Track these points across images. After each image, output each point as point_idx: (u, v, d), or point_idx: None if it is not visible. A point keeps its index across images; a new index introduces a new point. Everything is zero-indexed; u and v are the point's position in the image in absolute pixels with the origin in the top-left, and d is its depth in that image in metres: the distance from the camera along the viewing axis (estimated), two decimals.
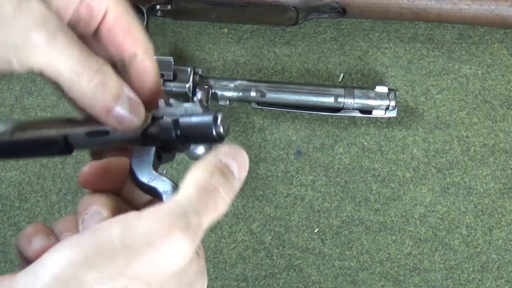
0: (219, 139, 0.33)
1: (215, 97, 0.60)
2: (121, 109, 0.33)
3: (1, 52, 0.30)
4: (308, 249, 0.62)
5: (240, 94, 0.60)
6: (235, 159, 0.33)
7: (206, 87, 0.59)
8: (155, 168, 0.34)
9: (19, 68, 0.31)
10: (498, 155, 0.62)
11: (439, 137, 0.62)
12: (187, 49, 0.65)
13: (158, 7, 0.60)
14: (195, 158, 0.57)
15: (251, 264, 0.62)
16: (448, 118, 0.63)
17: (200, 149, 0.57)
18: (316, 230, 0.62)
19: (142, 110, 0.34)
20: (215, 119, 0.33)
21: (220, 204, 0.33)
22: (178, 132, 0.34)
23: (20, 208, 0.63)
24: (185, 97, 0.59)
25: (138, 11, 0.60)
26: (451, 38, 0.64)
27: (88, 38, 0.36)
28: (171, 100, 0.35)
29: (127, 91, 0.33)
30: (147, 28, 0.61)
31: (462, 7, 0.59)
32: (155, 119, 0.34)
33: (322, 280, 0.61)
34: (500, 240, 0.61)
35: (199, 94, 0.59)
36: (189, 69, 0.60)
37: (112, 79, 0.33)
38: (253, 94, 0.60)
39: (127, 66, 0.35)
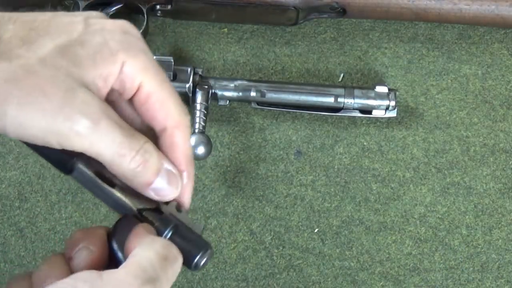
0: (194, 268, 0.34)
1: (215, 97, 0.60)
2: (160, 182, 0.34)
3: (42, 135, 0.30)
4: (308, 249, 0.62)
5: (240, 94, 0.60)
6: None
7: (206, 87, 0.59)
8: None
9: (59, 147, 0.31)
10: (498, 155, 0.62)
11: (439, 137, 0.62)
12: (187, 49, 0.65)
13: (158, 7, 0.60)
14: (196, 158, 0.58)
15: (251, 264, 0.62)
16: (448, 118, 0.63)
17: (200, 149, 0.57)
18: (316, 230, 0.62)
19: (179, 181, 0.35)
20: (205, 251, 0.34)
21: (174, 277, 0.33)
22: (169, 234, 0.34)
23: (20, 208, 0.63)
24: (185, 97, 0.59)
25: (138, 11, 0.60)
26: (451, 38, 0.64)
27: (123, 103, 0.36)
28: (183, 209, 0.36)
29: (166, 165, 0.34)
30: (147, 28, 0.61)
31: (462, 7, 0.59)
32: (157, 210, 0.35)
33: (322, 280, 0.61)
34: (500, 240, 0.61)
35: (199, 94, 0.59)
36: (189, 69, 0.60)
37: (153, 157, 0.34)
38: (253, 94, 0.60)
39: (158, 138, 0.36)
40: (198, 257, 0.34)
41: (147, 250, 0.32)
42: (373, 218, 0.62)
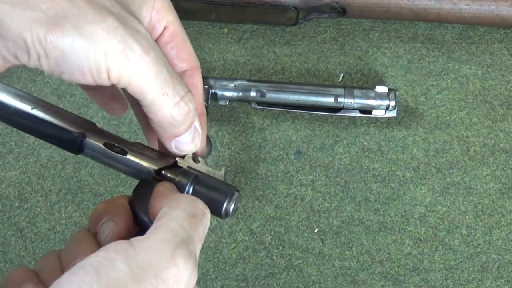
0: (225, 216, 0.33)
1: (215, 97, 0.60)
2: (186, 137, 0.34)
3: (97, 56, 0.30)
4: (308, 249, 0.62)
5: (240, 94, 0.60)
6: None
7: (206, 87, 0.59)
8: None
9: (106, 81, 0.31)
10: (498, 155, 0.62)
11: (439, 137, 0.62)
12: None
13: None
14: None
15: (251, 264, 0.62)
16: (448, 118, 0.63)
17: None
18: (316, 230, 0.62)
19: (201, 141, 0.35)
20: (231, 196, 0.33)
21: (205, 233, 0.33)
22: (191, 188, 0.33)
23: (20, 208, 0.63)
24: None
25: None
26: (451, 38, 0.64)
27: None
28: (200, 157, 0.35)
29: (196, 122, 0.34)
30: None
31: (462, 7, 0.59)
32: (175, 165, 0.34)
33: (322, 280, 0.61)
34: (500, 240, 0.61)
35: None
36: None
37: (194, 109, 0.33)
38: (253, 94, 0.60)
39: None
40: (225, 203, 0.33)
41: (174, 210, 0.31)
42: (373, 218, 0.62)
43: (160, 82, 0.31)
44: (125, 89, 0.32)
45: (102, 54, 0.30)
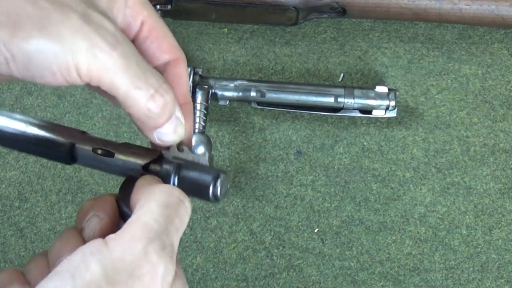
0: (214, 200, 0.33)
1: (215, 97, 0.60)
2: (167, 128, 0.33)
3: (63, 56, 0.29)
4: (308, 249, 0.62)
5: (240, 94, 0.60)
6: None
7: (206, 87, 0.59)
8: None
9: (77, 80, 0.30)
10: (498, 155, 0.62)
11: (439, 137, 0.62)
12: (187, 49, 0.65)
13: (158, 7, 0.60)
14: None
15: (251, 264, 0.62)
16: (448, 118, 0.63)
17: (200, 149, 0.57)
18: (316, 230, 0.62)
19: (184, 130, 0.34)
20: (216, 179, 0.33)
21: (183, 223, 0.32)
22: (176, 179, 0.33)
23: (20, 208, 0.63)
24: None
25: None
26: (451, 38, 0.64)
27: None
28: (184, 146, 0.35)
29: (177, 111, 0.34)
30: None
31: (462, 7, 0.59)
32: (161, 158, 0.34)
33: (322, 280, 0.61)
34: (500, 240, 0.61)
35: (199, 94, 0.59)
36: (189, 69, 0.59)
37: (171, 100, 0.33)
38: (253, 94, 0.60)
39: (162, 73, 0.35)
40: (211, 187, 0.32)
41: (148, 203, 0.31)
42: (373, 218, 0.62)
43: (131, 76, 0.31)
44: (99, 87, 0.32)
45: (69, 54, 0.29)
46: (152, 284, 0.28)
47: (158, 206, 0.30)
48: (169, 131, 0.33)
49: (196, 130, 0.58)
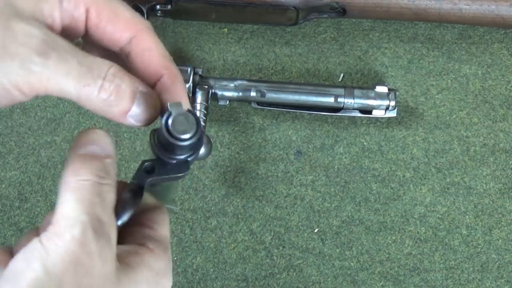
0: (175, 140, 0.31)
1: (215, 97, 0.60)
2: (137, 107, 0.31)
3: (1, 85, 0.28)
4: (308, 249, 0.62)
5: (240, 94, 0.60)
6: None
7: (206, 87, 0.59)
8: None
9: (23, 97, 0.29)
10: (498, 155, 0.62)
11: (439, 137, 0.62)
12: (187, 49, 0.65)
13: (158, 7, 0.60)
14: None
15: (251, 264, 0.62)
16: (448, 118, 0.63)
17: (201, 149, 0.57)
18: (316, 230, 0.62)
19: (157, 101, 0.32)
20: (167, 117, 0.31)
21: (108, 193, 0.31)
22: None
23: (20, 208, 0.63)
24: None
25: (138, 11, 0.60)
26: (451, 38, 0.64)
27: (85, 42, 0.34)
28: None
29: (141, 87, 0.32)
30: None
31: (462, 7, 0.59)
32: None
33: (322, 280, 0.61)
34: (500, 240, 0.61)
35: (199, 94, 0.59)
36: (189, 69, 0.59)
37: (125, 80, 0.31)
38: (253, 94, 0.60)
39: (128, 53, 0.33)
40: (164, 127, 0.31)
41: (63, 193, 0.30)
42: (373, 218, 0.62)
43: (75, 77, 0.29)
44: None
45: (3, 78, 0.28)
46: (93, 264, 0.28)
47: (71, 195, 0.30)
48: (140, 110, 0.32)
49: None
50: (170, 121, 0.31)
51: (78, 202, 0.29)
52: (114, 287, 0.29)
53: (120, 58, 0.34)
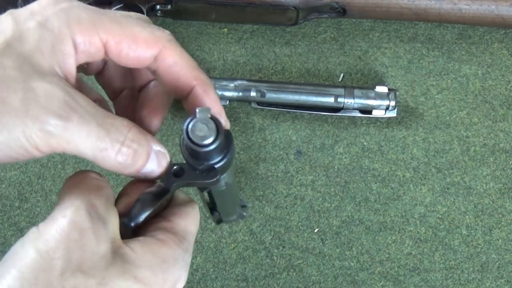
0: (194, 145, 0.32)
1: None
2: (149, 167, 0.32)
3: (18, 144, 0.28)
4: (308, 249, 0.62)
5: (240, 94, 0.60)
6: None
7: None
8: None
9: (39, 154, 0.29)
10: (498, 155, 0.62)
11: (439, 137, 0.62)
12: (187, 49, 0.65)
13: (158, 7, 0.60)
14: None
15: (251, 264, 0.62)
16: (448, 118, 0.63)
17: None
18: (316, 230, 0.62)
19: (166, 161, 0.33)
20: (189, 122, 0.32)
21: (101, 184, 0.32)
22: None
23: (20, 208, 0.63)
24: None
25: (138, 11, 0.60)
26: (451, 38, 0.64)
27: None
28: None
29: (155, 146, 0.32)
30: None
31: (462, 7, 0.59)
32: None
33: (322, 280, 0.61)
34: (500, 240, 0.61)
35: None
36: None
37: (142, 144, 0.31)
38: (253, 94, 0.60)
39: (155, 71, 0.34)
40: (186, 136, 0.32)
41: (66, 196, 0.31)
42: (373, 218, 0.62)
43: (94, 141, 0.29)
44: None
45: (23, 139, 0.28)
46: (85, 242, 0.29)
47: (68, 189, 0.31)
48: (152, 168, 0.32)
49: None
50: (190, 126, 0.32)
51: (73, 192, 0.30)
52: (109, 265, 0.29)
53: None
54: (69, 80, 0.31)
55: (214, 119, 0.33)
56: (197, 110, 0.32)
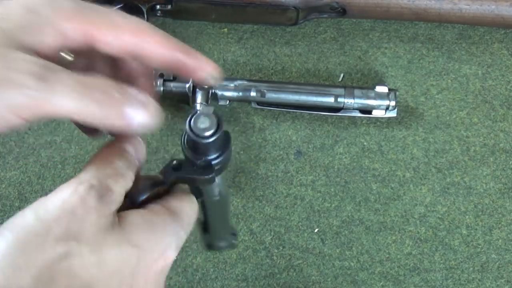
0: (195, 137, 0.34)
1: (215, 97, 0.60)
2: (130, 108, 0.31)
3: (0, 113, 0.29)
4: (308, 249, 0.62)
5: (240, 94, 0.60)
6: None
7: (206, 87, 0.59)
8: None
9: (22, 122, 0.30)
10: (498, 155, 0.62)
11: (439, 137, 0.62)
12: None
13: (158, 7, 0.60)
14: None
15: (251, 264, 0.62)
16: (448, 118, 0.63)
17: None
18: (316, 230, 0.62)
19: (153, 105, 0.32)
20: (193, 115, 0.34)
21: (125, 171, 0.33)
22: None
23: (20, 208, 0.63)
24: (185, 97, 0.59)
25: (138, 11, 0.60)
26: (451, 38, 0.64)
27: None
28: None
29: (138, 95, 0.32)
30: None
31: (462, 7, 0.59)
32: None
33: (322, 280, 0.61)
34: (500, 240, 0.61)
35: (199, 94, 0.59)
36: None
37: (122, 93, 0.31)
38: (253, 94, 0.60)
39: (140, 56, 0.34)
40: (188, 126, 0.34)
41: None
42: (373, 218, 0.62)
43: (75, 97, 0.30)
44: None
45: (4, 108, 0.28)
46: (87, 218, 0.29)
47: (90, 165, 0.32)
48: (137, 109, 0.32)
49: None
50: (193, 118, 0.35)
51: (89, 168, 0.32)
52: (107, 235, 0.31)
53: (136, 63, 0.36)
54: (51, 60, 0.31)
55: (216, 114, 0.35)
56: (201, 106, 0.35)
